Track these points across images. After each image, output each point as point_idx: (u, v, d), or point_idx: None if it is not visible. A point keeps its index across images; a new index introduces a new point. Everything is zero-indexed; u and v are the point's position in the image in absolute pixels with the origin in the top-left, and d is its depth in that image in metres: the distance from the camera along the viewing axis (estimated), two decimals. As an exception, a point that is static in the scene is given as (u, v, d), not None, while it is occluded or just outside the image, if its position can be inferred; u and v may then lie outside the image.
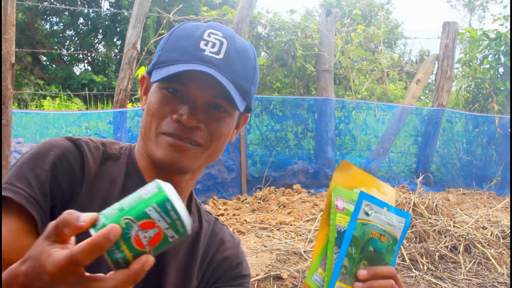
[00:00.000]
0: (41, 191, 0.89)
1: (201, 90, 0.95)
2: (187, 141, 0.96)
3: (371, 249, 0.86)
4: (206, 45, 0.95)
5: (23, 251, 0.70)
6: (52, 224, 0.64)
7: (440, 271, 3.40)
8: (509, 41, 7.07)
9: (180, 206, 0.65)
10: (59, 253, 0.61)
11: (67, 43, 14.92)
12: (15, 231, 0.85)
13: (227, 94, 0.94)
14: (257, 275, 2.96)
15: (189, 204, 1.11)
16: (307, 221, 4.30)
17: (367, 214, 0.86)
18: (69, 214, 0.63)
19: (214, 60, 0.94)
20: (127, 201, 0.64)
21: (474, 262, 3.54)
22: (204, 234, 1.11)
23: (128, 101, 5.01)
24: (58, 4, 14.07)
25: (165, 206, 0.63)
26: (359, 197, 0.86)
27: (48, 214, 0.90)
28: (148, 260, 0.62)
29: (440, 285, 3.19)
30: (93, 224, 0.63)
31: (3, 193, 0.87)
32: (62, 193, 0.92)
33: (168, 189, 0.66)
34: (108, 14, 14.43)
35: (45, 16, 14.47)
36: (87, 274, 0.62)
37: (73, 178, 0.94)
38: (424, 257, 3.55)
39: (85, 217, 0.63)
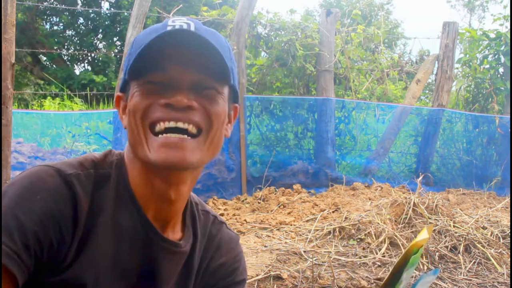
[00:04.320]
0: (23, 242, 0.81)
1: (183, 70, 0.86)
2: (184, 122, 0.85)
3: None
4: (173, 23, 0.88)
5: None
6: None
7: (440, 271, 3.40)
8: (509, 41, 7.06)
9: None
10: None
11: (67, 43, 14.90)
12: None
13: (212, 60, 0.85)
14: (257, 275, 2.96)
15: (184, 215, 1.03)
16: (307, 221, 4.30)
17: None
18: None
19: (186, 30, 0.86)
20: None
21: (474, 262, 3.54)
22: (200, 244, 1.06)
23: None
24: (58, 4, 14.05)
25: None
26: (420, 278, 0.93)
27: (33, 264, 0.83)
28: None
29: (440, 285, 3.19)
30: None
31: None
32: (51, 242, 0.84)
33: None
34: (108, 14, 14.43)
35: (45, 16, 14.46)
36: None
37: (63, 224, 0.85)
38: (424, 257, 3.55)
39: None
